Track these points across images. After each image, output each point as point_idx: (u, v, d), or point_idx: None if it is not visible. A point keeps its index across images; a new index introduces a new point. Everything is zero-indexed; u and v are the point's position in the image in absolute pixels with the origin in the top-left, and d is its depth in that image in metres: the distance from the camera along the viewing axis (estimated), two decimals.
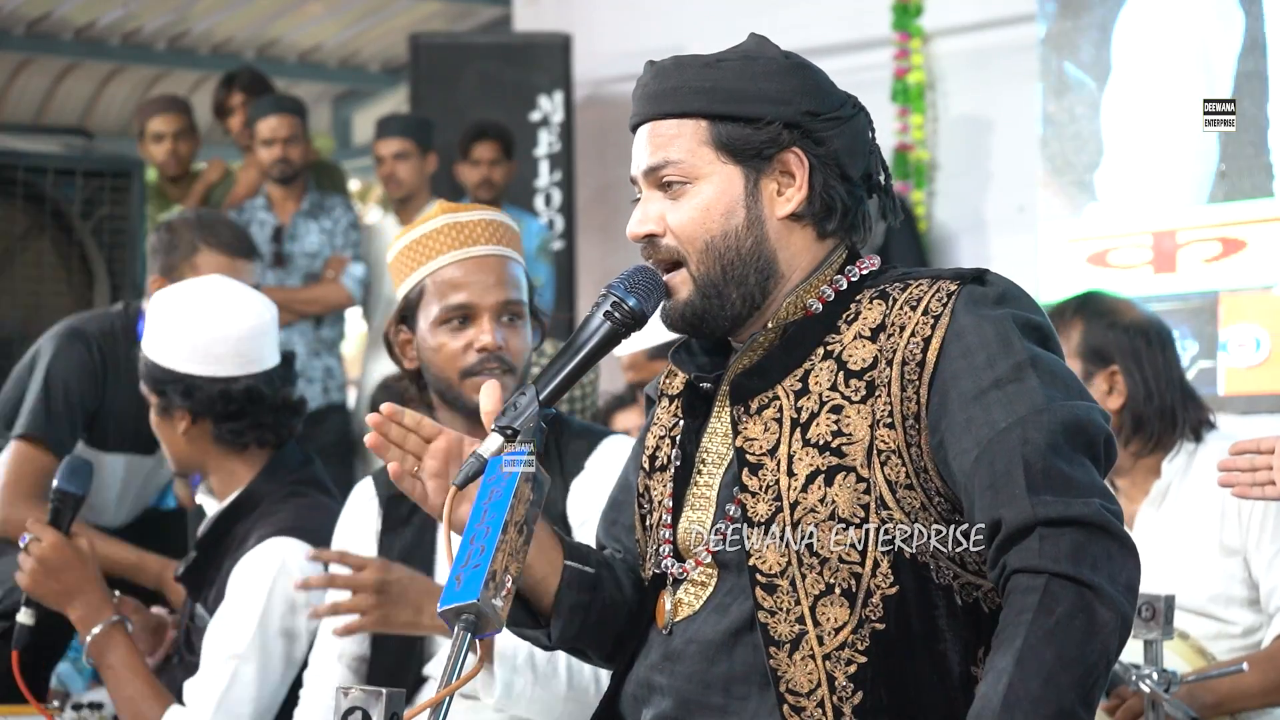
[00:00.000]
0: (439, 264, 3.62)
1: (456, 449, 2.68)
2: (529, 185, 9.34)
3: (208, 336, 4.03)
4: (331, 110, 13.71)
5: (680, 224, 2.66)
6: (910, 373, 2.54)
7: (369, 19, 11.95)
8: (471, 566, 2.31)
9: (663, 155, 2.67)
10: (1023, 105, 7.54)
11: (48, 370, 4.94)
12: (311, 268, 8.11)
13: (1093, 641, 2.35)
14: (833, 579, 2.54)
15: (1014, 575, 2.40)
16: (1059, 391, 2.49)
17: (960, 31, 8.40)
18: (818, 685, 2.53)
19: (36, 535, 3.82)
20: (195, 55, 12.12)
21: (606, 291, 2.67)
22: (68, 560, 3.83)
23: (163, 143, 8.45)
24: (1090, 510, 2.40)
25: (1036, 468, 2.42)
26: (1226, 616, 4.16)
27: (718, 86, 2.65)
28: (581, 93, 9.80)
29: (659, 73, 2.70)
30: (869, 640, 2.52)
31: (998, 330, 2.53)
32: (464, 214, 3.62)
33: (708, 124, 2.65)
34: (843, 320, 2.65)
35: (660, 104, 2.68)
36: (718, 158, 2.65)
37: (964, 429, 2.49)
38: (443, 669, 2.29)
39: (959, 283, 2.59)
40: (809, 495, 2.57)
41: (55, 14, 11.27)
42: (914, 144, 8.49)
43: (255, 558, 3.89)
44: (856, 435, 2.56)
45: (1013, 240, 7.98)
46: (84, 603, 3.83)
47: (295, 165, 8.12)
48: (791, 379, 2.64)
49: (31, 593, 3.83)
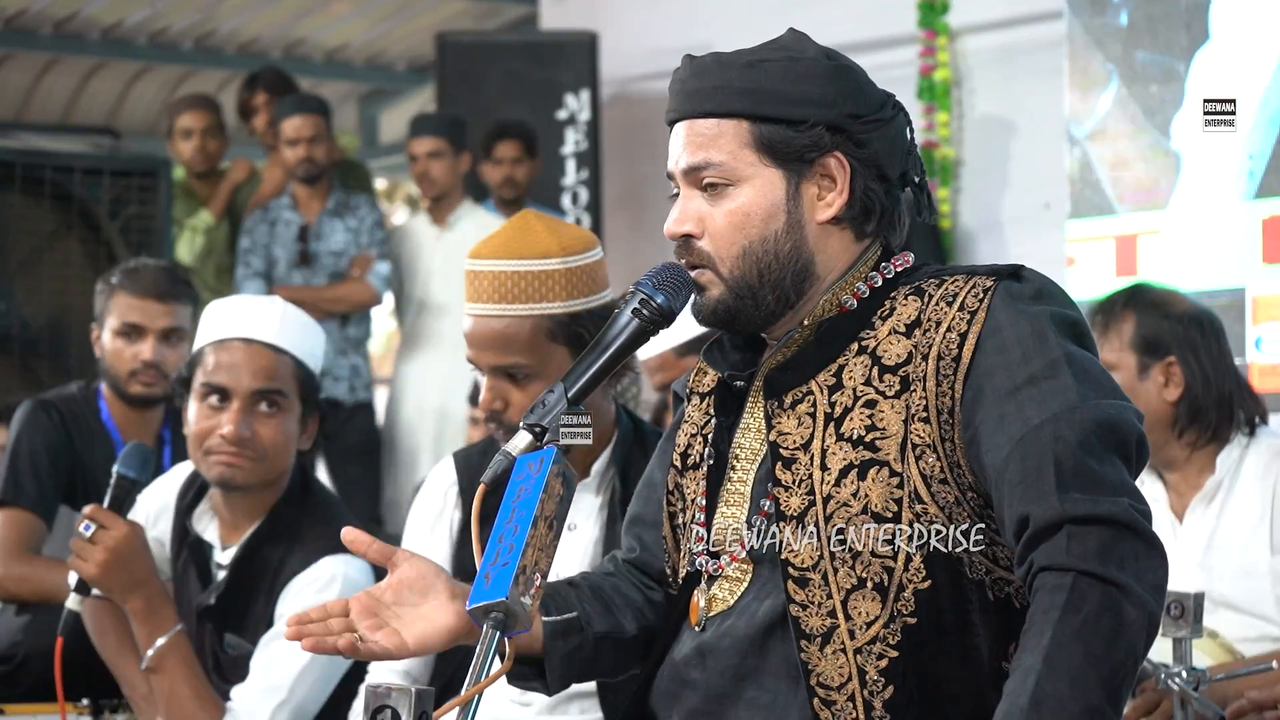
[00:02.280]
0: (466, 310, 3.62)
1: (365, 601, 2.62)
2: (556, 184, 9.34)
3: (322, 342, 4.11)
4: (358, 109, 13.72)
5: (719, 229, 2.66)
6: (945, 368, 2.55)
7: (395, 18, 11.95)
8: (500, 564, 2.31)
9: (703, 156, 2.66)
10: (1049, 102, 7.52)
11: (15, 440, 5.00)
12: (337, 266, 8.13)
13: (1120, 640, 2.34)
14: (865, 573, 2.55)
15: (1041, 573, 2.40)
16: (1093, 390, 2.49)
17: (986, 29, 8.39)
18: (849, 679, 2.54)
19: (103, 523, 3.78)
20: (222, 55, 12.13)
21: (634, 289, 2.67)
22: (138, 549, 3.81)
23: (191, 139, 8.46)
24: (1119, 509, 2.40)
25: (1067, 465, 2.42)
26: (1269, 616, 4.16)
27: (761, 87, 2.64)
28: (608, 91, 9.79)
29: (699, 69, 2.69)
30: (900, 634, 2.53)
31: (1034, 327, 2.54)
32: (480, 262, 3.55)
33: (749, 125, 2.64)
34: (877, 316, 2.65)
35: (701, 102, 2.67)
36: (759, 160, 2.65)
37: (997, 425, 2.49)
38: (471, 667, 2.29)
39: (995, 279, 2.59)
40: (842, 489, 2.57)
41: (82, 14, 11.28)
42: (939, 141, 8.47)
43: (311, 576, 3.89)
44: (890, 430, 2.56)
45: (1039, 238, 7.96)
46: (145, 595, 3.80)
47: (320, 165, 8.13)
48: (825, 374, 2.65)
49: (98, 582, 3.77)
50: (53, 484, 4.94)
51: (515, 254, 3.54)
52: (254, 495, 3.99)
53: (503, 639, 2.31)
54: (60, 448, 4.97)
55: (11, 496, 4.89)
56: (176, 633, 3.82)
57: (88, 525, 3.78)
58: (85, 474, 4.95)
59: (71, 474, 4.98)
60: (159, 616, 3.82)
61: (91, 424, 5.03)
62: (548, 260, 3.54)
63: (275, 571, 3.95)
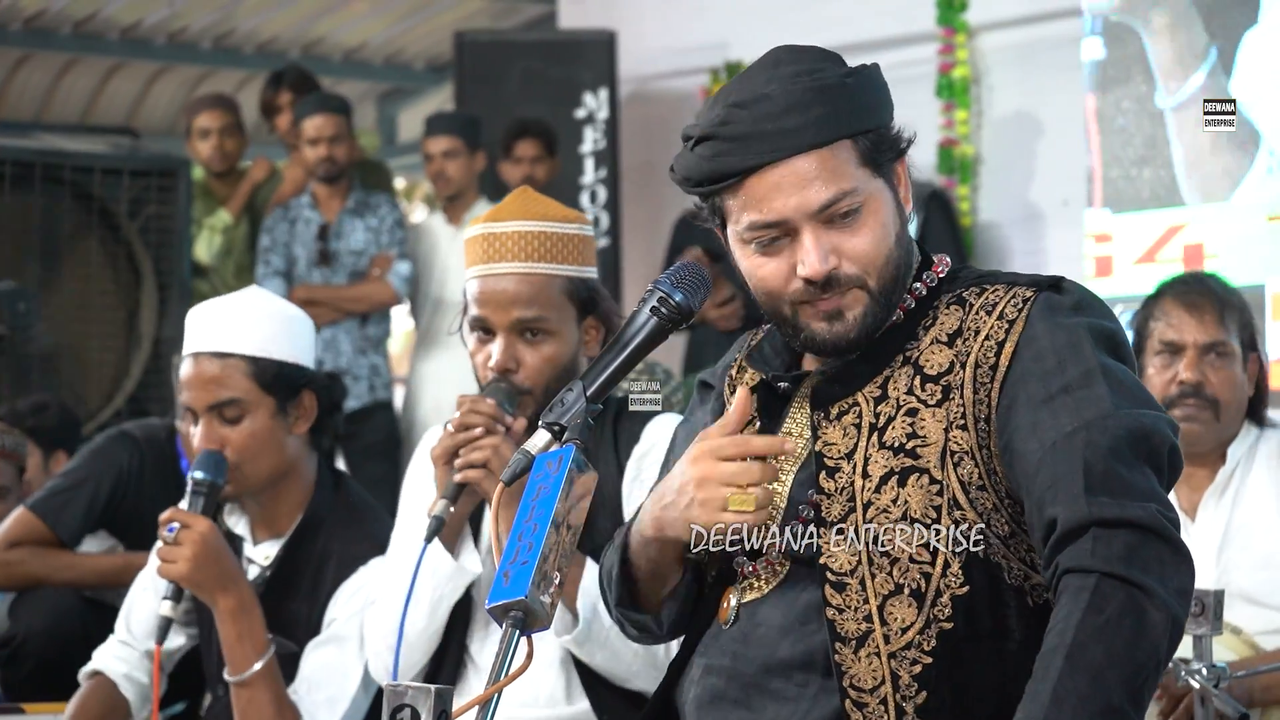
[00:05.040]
0: (470, 273, 3.66)
1: None
2: (574, 182, 9.34)
3: (312, 331, 4.08)
4: (377, 108, 13.74)
5: (864, 250, 2.64)
6: (983, 375, 2.58)
7: (414, 17, 11.98)
8: (520, 563, 2.31)
9: (839, 187, 2.62)
10: (1068, 99, 7.51)
11: (82, 461, 5.00)
12: (357, 266, 8.12)
13: (1142, 642, 2.34)
14: (902, 579, 2.56)
15: (1066, 574, 2.41)
16: (1127, 400, 2.51)
17: (1005, 26, 8.38)
18: (881, 682, 2.55)
19: (186, 523, 3.77)
20: (240, 54, 12.17)
21: (653, 287, 2.68)
22: (222, 546, 3.79)
23: (209, 138, 8.46)
24: (1146, 514, 2.40)
25: (1097, 470, 2.44)
26: None
27: (856, 104, 2.64)
28: (626, 89, 9.80)
29: (792, 106, 2.62)
30: (935, 640, 2.54)
31: (1070, 338, 2.56)
32: (500, 224, 3.62)
33: (852, 144, 2.64)
34: (921, 327, 2.69)
35: (814, 135, 2.62)
36: (869, 174, 2.66)
37: (1030, 431, 2.51)
38: (491, 665, 2.29)
39: (1036, 289, 2.62)
40: (882, 496, 2.59)
41: (101, 14, 11.31)
42: (959, 139, 8.46)
43: (360, 581, 3.90)
44: (931, 438, 2.59)
45: (1058, 235, 7.96)
46: (237, 593, 3.77)
47: (340, 164, 8.13)
48: (872, 386, 2.68)
49: (188, 580, 3.75)
50: (94, 517, 4.93)
51: (539, 216, 3.63)
52: (275, 492, 4.00)
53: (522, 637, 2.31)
54: (129, 483, 4.95)
55: (41, 507, 4.87)
56: (272, 657, 3.79)
57: (171, 528, 3.77)
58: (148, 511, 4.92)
59: (133, 509, 4.95)
60: (250, 618, 3.78)
61: (168, 464, 5.02)
62: (568, 225, 3.65)
63: (316, 570, 3.95)
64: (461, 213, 8.29)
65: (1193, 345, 4.27)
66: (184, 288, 7.52)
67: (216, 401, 3.91)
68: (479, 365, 3.66)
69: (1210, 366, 4.26)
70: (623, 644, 3.43)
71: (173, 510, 3.81)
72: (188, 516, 3.78)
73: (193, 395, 3.92)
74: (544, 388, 3.59)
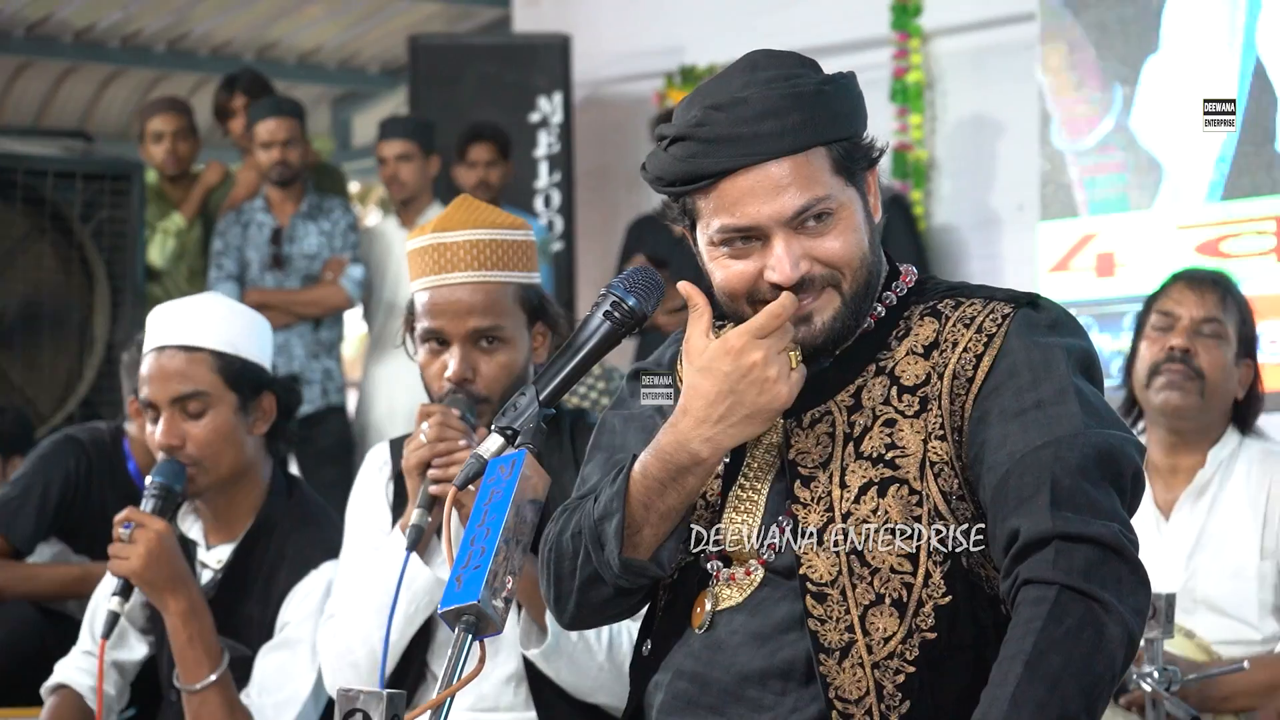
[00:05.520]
0: (420, 285, 3.62)
1: None
2: (528, 186, 9.34)
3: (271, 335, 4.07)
4: (331, 112, 13.72)
5: (837, 253, 2.64)
6: (959, 387, 2.59)
7: (368, 21, 11.96)
8: (472, 568, 2.30)
9: (813, 194, 2.62)
10: (1022, 104, 7.54)
11: (32, 468, 4.97)
12: (310, 270, 8.11)
13: (1100, 654, 2.36)
14: (883, 589, 2.57)
15: (1025, 585, 2.42)
16: (1096, 420, 2.53)
17: (959, 31, 8.41)
18: (866, 693, 2.55)
19: (141, 522, 3.76)
20: (195, 58, 12.13)
21: (606, 291, 2.68)
22: (175, 548, 3.78)
23: (162, 142, 8.43)
24: (1109, 532, 2.43)
25: (1064, 486, 2.46)
26: (1251, 621, 4.17)
27: (834, 112, 2.64)
28: (581, 94, 9.80)
29: (770, 111, 2.62)
30: (918, 650, 2.55)
31: (1046, 355, 2.58)
32: (450, 234, 3.59)
33: (825, 150, 2.63)
34: (893, 336, 2.69)
35: (791, 141, 2.61)
36: (843, 182, 2.65)
37: (999, 443, 2.53)
38: (443, 670, 2.29)
39: (1014, 306, 2.64)
40: (861, 506, 2.59)
41: (55, 17, 11.27)
42: (913, 144, 8.49)
43: (311, 585, 3.90)
44: (910, 448, 2.60)
45: (1012, 239, 7.99)
46: (187, 595, 3.76)
47: (294, 168, 8.12)
48: (844, 394, 2.68)
49: (138, 576, 3.74)
50: (46, 522, 4.90)
51: (488, 224, 3.61)
52: (230, 494, 3.99)
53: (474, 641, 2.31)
54: (76, 487, 4.93)
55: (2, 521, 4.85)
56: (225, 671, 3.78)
57: (127, 525, 3.77)
58: (96, 515, 4.89)
59: (81, 513, 4.94)
60: (200, 621, 3.77)
61: (115, 467, 5.00)
62: (515, 232, 3.63)
63: (268, 574, 3.94)
64: (415, 216, 8.28)
65: (1188, 318, 4.29)
66: (137, 291, 7.49)
67: (180, 395, 3.90)
68: (431, 377, 3.62)
69: (1203, 343, 4.27)
70: (588, 658, 3.42)
71: (130, 510, 3.80)
72: (143, 516, 3.77)
73: (155, 389, 3.91)
74: (501, 396, 3.57)
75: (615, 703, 3.45)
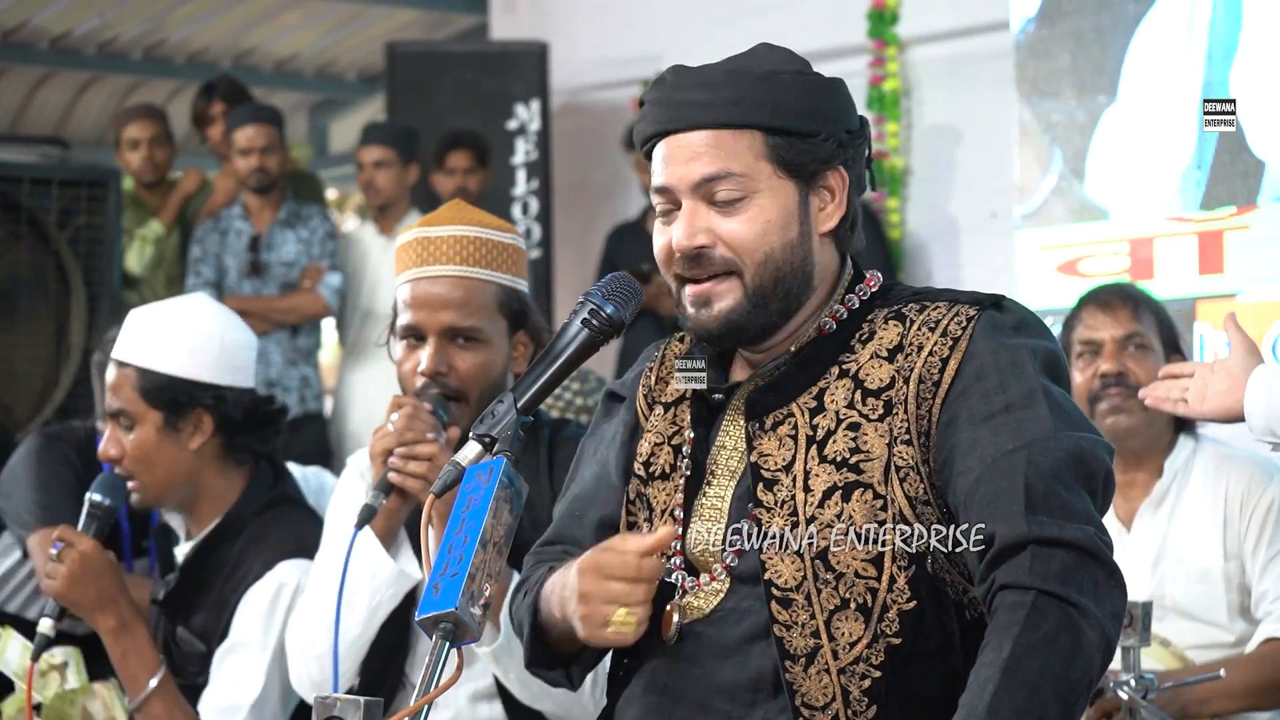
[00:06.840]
0: (402, 279, 3.62)
1: None
2: (506, 194, 9.33)
3: (231, 346, 4.02)
4: (308, 119, 13.70)
5: (741, 236, 2.65)
6: (925, 391, 2.59)
7: (345, 28, 11.94)
8: (449, 575, 2.31)
9: (723, 167, 2.64)
10: (997, 112, 7.55)
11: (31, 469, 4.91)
12: (288, 277, 8.11)
13: (1077, 659, 2.37)
14: (848, 594, 2.57)
15: (1002, 590, 2.43)
16: (1066, 422, 2.54)
17: (935, 39, 8.41)
18: (833, 699, 2.55)
19: (70, 541, 3.79)
20: (171, 64, 12.10)
21: (584, 299, 2.69)
22: (103, 567, 3.80)
23: (138, 149, 8.43)
24: (1084, 536, 2.43)
25: (1038, 490, 2.46)
26: (1222, 623, 4.18)
27: (779, 101, 2.65)
28: (558, 101, 9.80)
29: (707, 81, 2.67)
30: (884, 655, 2.55)
31: (1013, 357, 2.58)
32: (435, 229, 3.60)
33: (764, 137, 2.65)
34: (856, 340, 2.69)
35: (716, 113, 2.65)
36: (774, 172, 2.66)
37: (969, 448, 2.53)
38: (420, 677, 2.29)
39: (979, 308, 2.64)
40: (825, 511, 2.59)
41: (31, 23, 11.24)
42: (889, 152, 8.50)
43: (265, 587, 3.88)
44: (875, 453, 2.59)
45: (986, 247, 7.99)
46: (116, 613, 3.79)
47: (272, 175, 8.11)
48: (806, 396, 2.68)
49: (63, 597, 3.77)
50: None
51: (475, 223, 3.62)
52: (183, 499, 4.01)
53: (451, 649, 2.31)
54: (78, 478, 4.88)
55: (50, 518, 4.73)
56: (165, 674, 3.80)
57: (58, 544, 3.80)
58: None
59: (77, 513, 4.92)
60: (133, 636, 3.80)
61: (94, 467, 4.99)
62: (503, 234, 3.63)
63: (230, 569, 3.94)
64: (392, 224, 8.28)
65: (1110, 339, 4.32)
66: (114, 298, 7.47)
67: (111, 409, 3.97)
68: (407, 374, 3.61)
69: (1130, 358, 4.31)
70: None
71: (63, 528, 3.84)
72: (74, 536, 3.81)
73: (105, 401, 4.00)
74: (476, 395, 3.57)
75: (561, 713, 3.46)
